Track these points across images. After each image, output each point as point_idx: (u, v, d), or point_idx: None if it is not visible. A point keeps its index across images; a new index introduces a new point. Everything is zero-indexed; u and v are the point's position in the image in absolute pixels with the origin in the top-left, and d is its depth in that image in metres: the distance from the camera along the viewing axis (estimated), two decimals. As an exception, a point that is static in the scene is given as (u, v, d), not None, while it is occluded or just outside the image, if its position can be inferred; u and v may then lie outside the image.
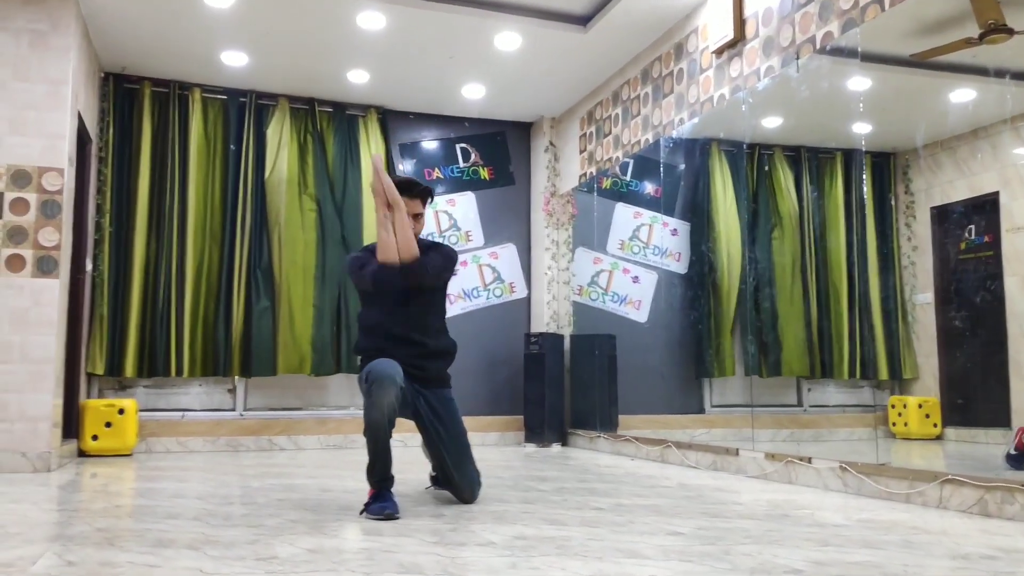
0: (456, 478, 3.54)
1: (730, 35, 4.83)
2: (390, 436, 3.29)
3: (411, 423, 3.57)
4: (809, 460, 4.18)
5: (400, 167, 7.16)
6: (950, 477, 3.41)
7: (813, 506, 3.52)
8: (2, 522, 3.07)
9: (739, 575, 2.23)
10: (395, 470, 3.33)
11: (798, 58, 4.36)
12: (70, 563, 2.35)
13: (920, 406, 6.32)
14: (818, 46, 4.24)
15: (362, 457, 3.40)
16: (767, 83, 4.64)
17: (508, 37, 5.69)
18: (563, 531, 2.87)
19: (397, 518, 3.14)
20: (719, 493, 3.93)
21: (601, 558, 2.43)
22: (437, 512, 3.31)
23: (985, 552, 2.55)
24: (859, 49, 4.05)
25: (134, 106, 6.39)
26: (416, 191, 3.61)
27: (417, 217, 3.60)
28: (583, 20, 5.57)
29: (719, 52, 5.02)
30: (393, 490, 3.30)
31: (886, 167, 6.55)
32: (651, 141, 5.83)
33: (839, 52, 4.16)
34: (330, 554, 2.50)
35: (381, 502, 3.20)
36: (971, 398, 6.16)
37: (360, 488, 4.09)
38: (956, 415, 6.23)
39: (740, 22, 4.81)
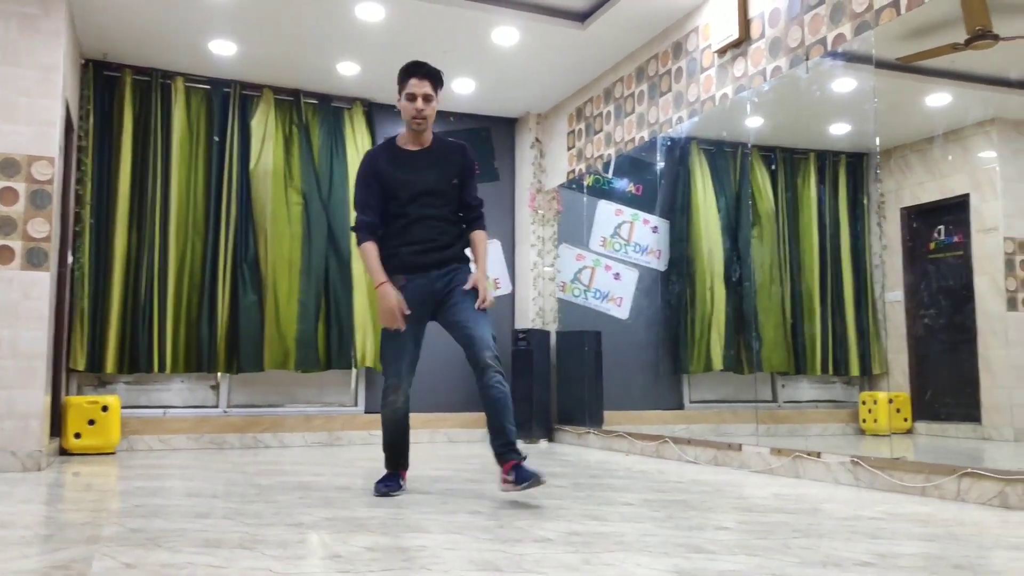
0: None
1: (734, 35, 4.87)
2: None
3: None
4: (818, 455, 4.25)
5: (384, 161, 7.07)
6: (969, 471, 3.51)
7: (834, 500, 3.58)
8: (27, 523, 2.96)
9: (812, 568, 2.25)
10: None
11: (807, 59, 4.43)
12: (127, 565, 2.28)
13: (890, 401, 6.47)
14: (829, 48, 4.30)
15: (352, 454, 3.41)
16: (773, 83, 4.70)
17: (506, 32, 5.66)
18: (610, 527, 2.87)
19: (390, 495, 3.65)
20: (734, 488, 3.97)
21: (667, 553, 2.43)
22: (473, 509, 3.29)
23: (1030, 543, 2.64)
24: (873, 53, 4.13)
25: (115, 94, 6.19)
26: (423, 71, 3.57)
27: (427, 99, 3.56)
28: (582, 16, 5.57)
29: (722, 51, 5.07)
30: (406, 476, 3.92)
31: (859, 167, 6.70)
32: (647, 139, 5.86)
33: (851, 56, 4.23)
34: (389, 551, 2.46)
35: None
36: (941, 393, 6.34)
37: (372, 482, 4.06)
38: (926, 410, 6.41)
39: (745, 22, 4.86)
